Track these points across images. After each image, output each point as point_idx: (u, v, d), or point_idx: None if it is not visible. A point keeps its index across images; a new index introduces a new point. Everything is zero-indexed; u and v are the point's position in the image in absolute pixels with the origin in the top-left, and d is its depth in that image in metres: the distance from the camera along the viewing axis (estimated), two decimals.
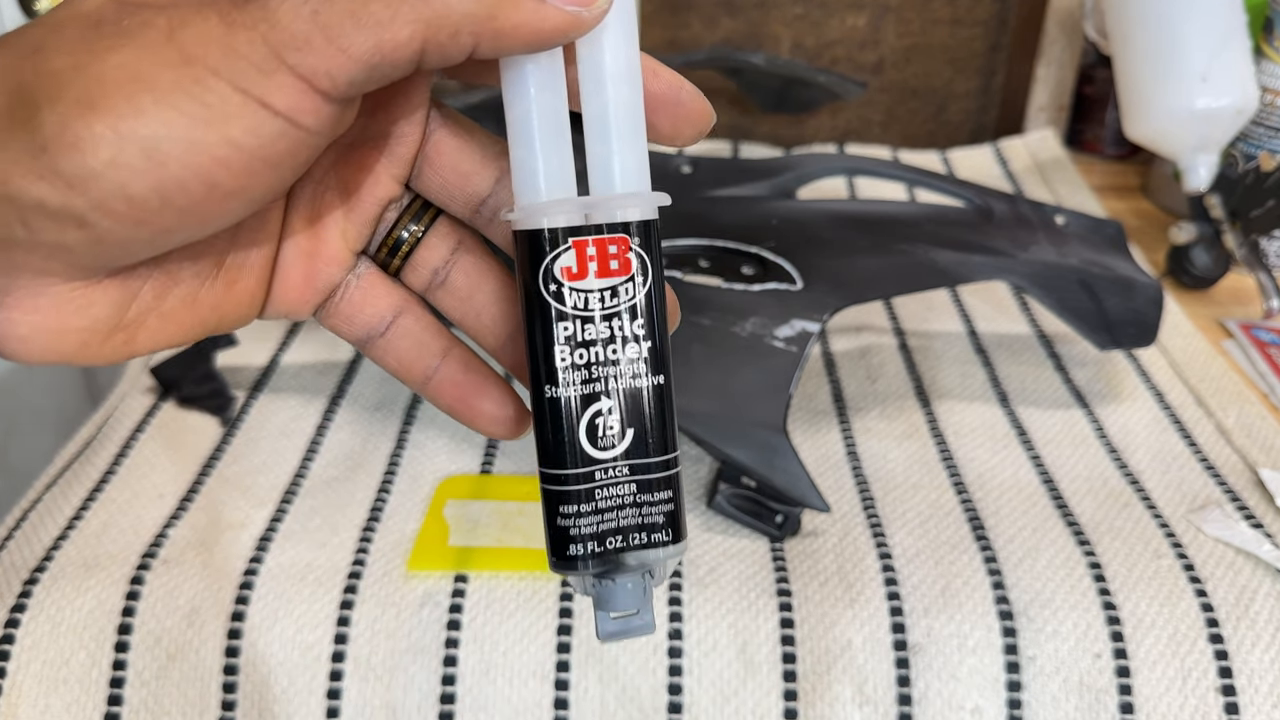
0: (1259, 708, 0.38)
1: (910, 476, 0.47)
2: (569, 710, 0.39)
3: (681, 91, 0.24)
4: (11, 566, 0.42)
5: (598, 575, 0.25)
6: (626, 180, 0.24)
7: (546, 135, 0.23)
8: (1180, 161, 0.66)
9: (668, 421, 0.24)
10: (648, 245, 0.24)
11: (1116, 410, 0.52)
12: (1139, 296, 0.50)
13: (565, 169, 0.24)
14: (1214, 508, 0.45)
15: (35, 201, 0.19)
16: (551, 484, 0.24)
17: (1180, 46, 0.63)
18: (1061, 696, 0.38)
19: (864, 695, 0.38)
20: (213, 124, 0.19)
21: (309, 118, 0.20)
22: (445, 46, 0.20)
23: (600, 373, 0.24)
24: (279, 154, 0.20)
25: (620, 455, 0.24)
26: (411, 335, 0.26)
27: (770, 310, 0.44)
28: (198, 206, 0.20)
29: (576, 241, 0.23)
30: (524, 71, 0.23)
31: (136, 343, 0.23)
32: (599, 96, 0.23)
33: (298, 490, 0.46)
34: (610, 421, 0.24)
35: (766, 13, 0.90)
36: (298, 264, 0.25)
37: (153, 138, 0.19)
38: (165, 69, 0.19)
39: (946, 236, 0.50)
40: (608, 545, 0.24)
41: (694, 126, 0.24)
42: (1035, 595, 0.40)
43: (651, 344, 0.24)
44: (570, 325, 0.24)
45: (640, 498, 0.24)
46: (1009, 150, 0.87)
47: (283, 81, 0.19)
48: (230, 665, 0.39)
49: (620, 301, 0.24)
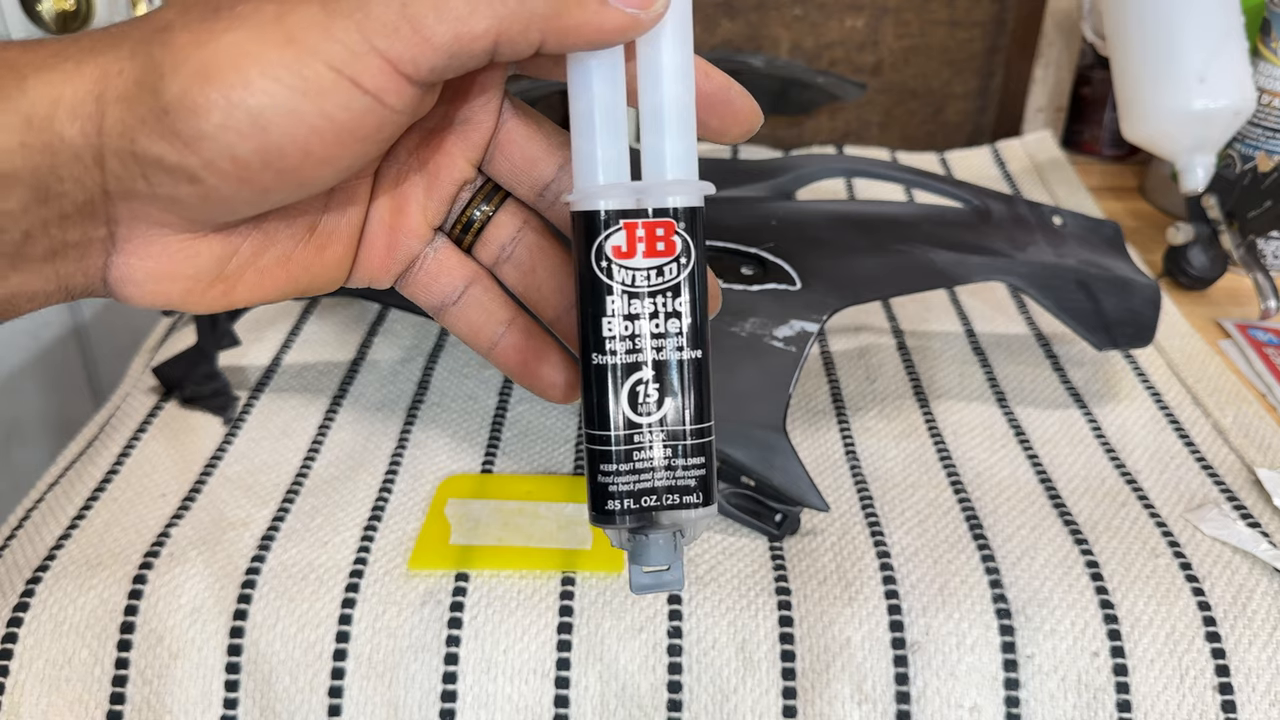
0: (1256, 705, 0.38)
1: (908, 476, 0.47)
2: (569, 708, 0.39)
3: (731, 91, 0.26)
4: (14, 565, 0.42)
5: (632, 530, 0.27)
6: (676, 169, 0.26)
7: (605, 126, 0.25)
8: (1177, 162, 0.66)
9: (704, 393, 0.26)
10: (693, 230, 0.26)
11: (1114, 410, 0.52)
12: (1136, 297, 0.50)
13: (621, 158, 0.26)
14: (1211, 507, 0.45)
15: (155, 158, 0.22)
16: (594, 444, 0.26)
17: (1178, 48, 0.63)
18: (1059, 695, 0.38)
19: (863, 693, 0.38)
20: (310, 97, 0.22)
21: (393, 97, 0.22)
22: (516, 41, 0.23)
23: (643, 344, 0.26)
24: (366, 128, 0.23)
25: (658, 422, 0.26)
26: (480, 304, 0.29)
27: (769, 310, 0.44)
28: (294, 170, 0.23)
29: (627, 223, 0.25)
30: (588, 68, 0.25)
31: (235, 294, 0.26)
32: (654, 91, 0.25)
33: (299, 489, 0.46)
34: (650, 390, 0.26)
35: (765, 14, 0.90)
36: (382, 235, 0.28)
37: (258, 107, 0.22)
38: (271, 48, 0.22)
39: (945, 237, 0.50)
40: (643, 503, 0.26)
41: (742, 125, 0.27)
42: (1033, 594, 0.40)
43: (692, 321, 0.26)
44: (618, 299, 0.26)
45: (675, 461, 0.26)
46: (1007, 151, 0.87)
47: (372, 64, 0.22)
48: (233, 664, 0.39)
49: (665, 280, 0.26)
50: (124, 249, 0.24)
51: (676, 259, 0.26)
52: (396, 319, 0.60)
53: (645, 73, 0.25)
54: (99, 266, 0.25)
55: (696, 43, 0.26)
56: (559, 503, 0.45)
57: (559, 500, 0.45)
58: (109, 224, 0.24)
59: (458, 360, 0.56)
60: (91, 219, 0.24)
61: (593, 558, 0.41)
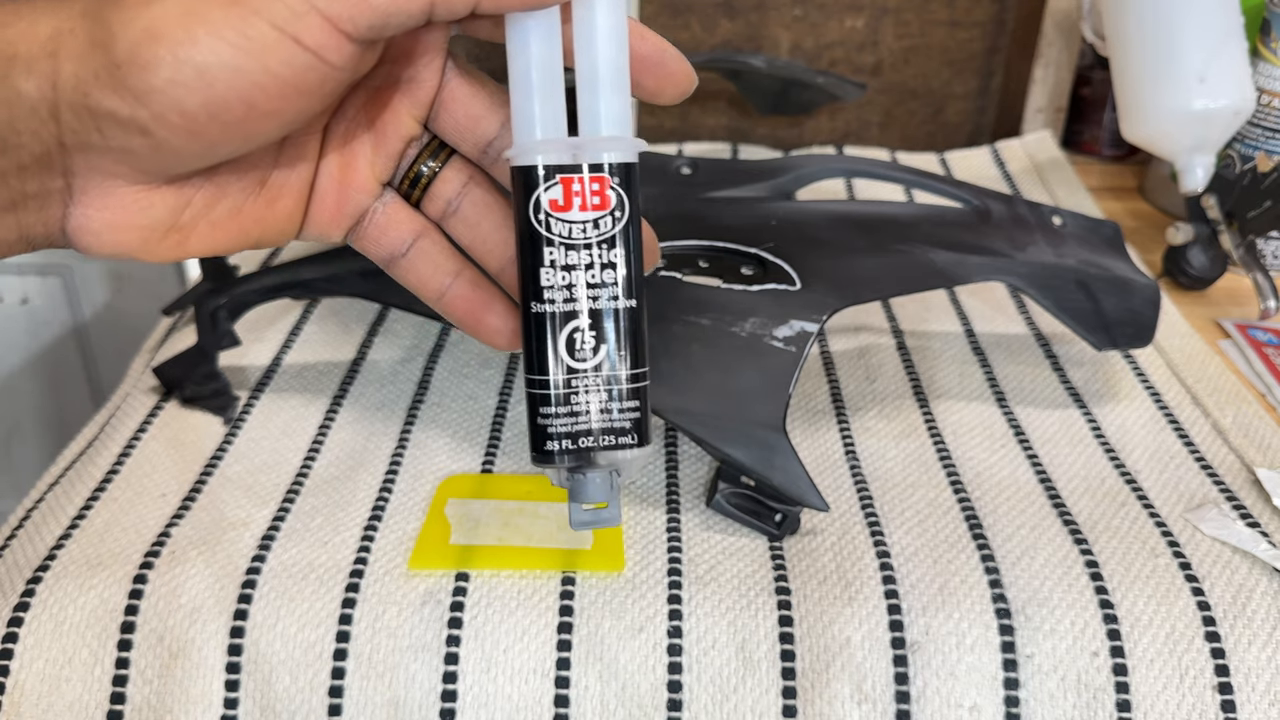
0: (1255, 705, 0.38)
1: (908, 475, 0.47)
2: (569, 707, 0.39)
3: (665, 54, 0.27)
4: (15, 565, 0.42)
5: (570, 470, 0.28)
6: (610, 126, 0.27)
7: (543, 85, 0.27)
8: (1177, 162, 0.66)
9: (639, 340, 0.28)
10: (627, 184, 0.27)
11: (1113, 410, 0.53)
12: (1136, 297, 0.50)
13: (558, 115, 0.27)
14: (1211, 507, 0.45)
15: (108, 111, 0.24)
16: (534, 388, 0.28)
17: (1177, 48, 0.63)
18: (1059, 694, 0.38)
19: (862, 693, 0.38)
20: (253, 54, 0.23)
21: (334, 54, 0.24)
22: (452, 1, 0.24)
23: (579, 294, 0.27)
24: (309, 84, 0.24)
25: (594, 368, 0.27)
26: (429, 256, 0.30)
27: (769, 310, 0.44)
28: (239, 123, 0.24)
29: (564, 178, 0.27)
30: (525, 28, 0.26)
31: (189, 244, 0.27)
32: (589, 52, 0.27)
33: (300, 489, 0.46)
34: (586, 337, 0.27)
35: (765, 15, 0.90)
36: (331, 190, 0.29)
37: (204, 63, 0.23)
38: (217, 8, 0.23)
39: (944, 237, 0.50)
40: (580, 444, 0.28)
41: (676, 87, 0.28)
42: (1033, 594, 0.40)
43: (627, 272, 0.27)
44: (554, 251, 0.27)
45: (610, 405, 0.28)
46: (1007, 152, 0.87)
47: (313, 23, 0.23)
48: (233, 663, 0.39)
49: (600, 232, 0.27)
50: (81, 200, 0.26)
51: (611, 212, 0.27)
52: (396, 319, 0.60)
53: (580, 34, 0.26)
54: (58, 217, 0.26)
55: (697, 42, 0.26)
56: (559, 503, 0.45)
57: (559, 500, 0.45)
58: (66, 175, 0.25)
59: (458, 360, 0.56)
60: (49, 170, 0.25)
61: (593, 558, 0.42)
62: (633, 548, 0.42)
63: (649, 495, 0.46)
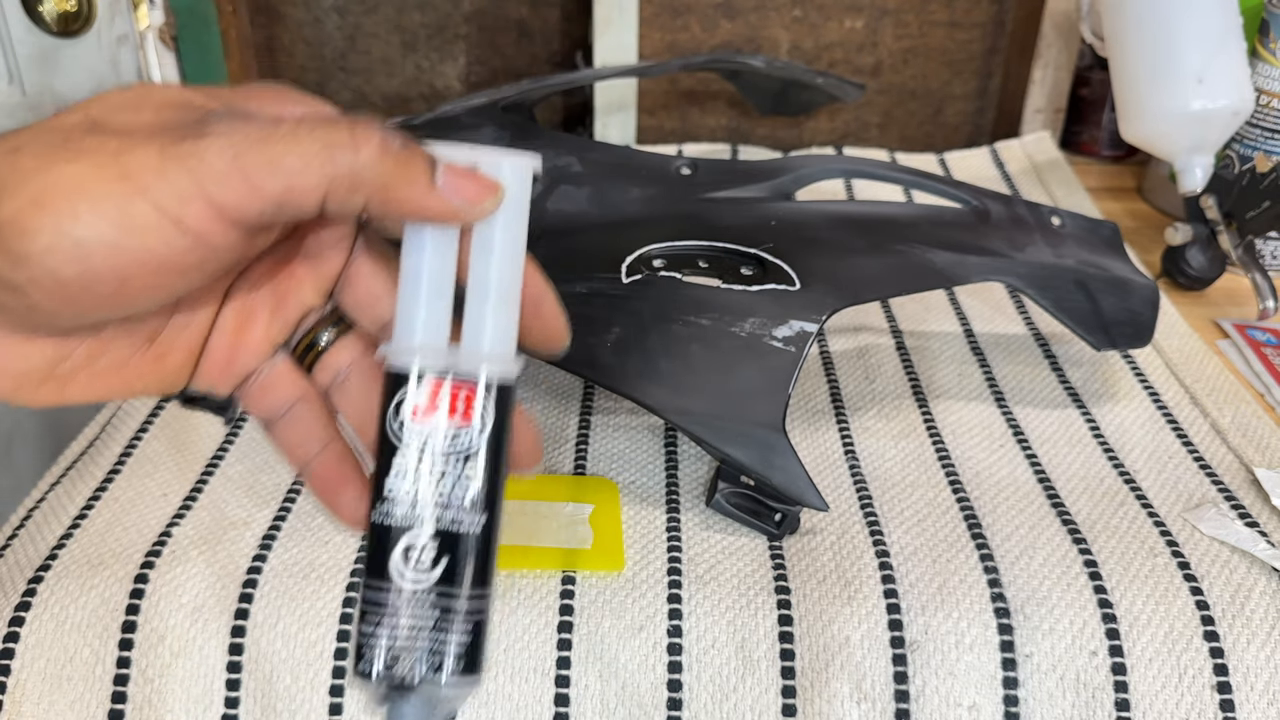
0: (1254, 705, 0.38)
1: (907, 475, 0.47)
2: (569, 707, 0.39)
3: (544, 297, 0.28)
4: (16, 565, 0.42)
5: (385, 693, 0.26)
6: (493, 343, 0.26)
7: (430, 290, 0.26)
8: (1176, 163, 0.66)
9: (484, 561, 0.26)
10: (501, 401, 0.27)
11: (1112, 409, 0.53)
12: (1135, 297, 0.50)
13: (442, 321, 0.26)
14: (1209, 506, 0.45)
15: None
16: (366, 593, 0.26)
17: (1176, 49, 0.63)
18: (1058, 693, 0.38)
19: (862, 692, 0.39)
20: (132, 233, 0.23)
21: (218, 238, 0.24)
22: (344, 201, 0.24)
23: (423, 509, 0.26)
24: (188, 264, 0.24)
25: (430, 585, 0.26)
26: (303, 423, 0.30)
27: (769, 311, 0.44)
28: (114, 296, 0.24)
29: (434, 383, 0.26)
30: (421, 231, 0.26)
31: (66, 393, 0.27)
32: (483, 266, 0.26)
33: (300, 489, 0.46)
34: (425, 553, 0.26)
35: (765, 15, 0.90)
36: (223, 348, 0.29)
37: (81, 237, 0.23)
38: (104, 183, 0.23)
39: (944, 238, 0.50)
40: (399, 668, 0.26)
41: (545, 331, 0.29)
42: (1031, 593, 0.40)
43: (480, 488, 0.26)
44: (405, 459, 0.26)
45: (441, 624, 0.26)
46: (1006, 152, 0.87)
47: (197, 209, 0.23)
48: (234, 663, 0.39)
49: (458, 446, 0.26)
50: None
51: (474, 427, 0.26)
52: None
53: (477, 247, 0.26)
54: None
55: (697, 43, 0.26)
56: (559, 503, 0.45)
57: (559, 500, 0.45)
58: None
59: None
60: None
61: (593, 557, 0.42)
62: (633, 547, 0.43)
63: (649, 495, 0.46)
